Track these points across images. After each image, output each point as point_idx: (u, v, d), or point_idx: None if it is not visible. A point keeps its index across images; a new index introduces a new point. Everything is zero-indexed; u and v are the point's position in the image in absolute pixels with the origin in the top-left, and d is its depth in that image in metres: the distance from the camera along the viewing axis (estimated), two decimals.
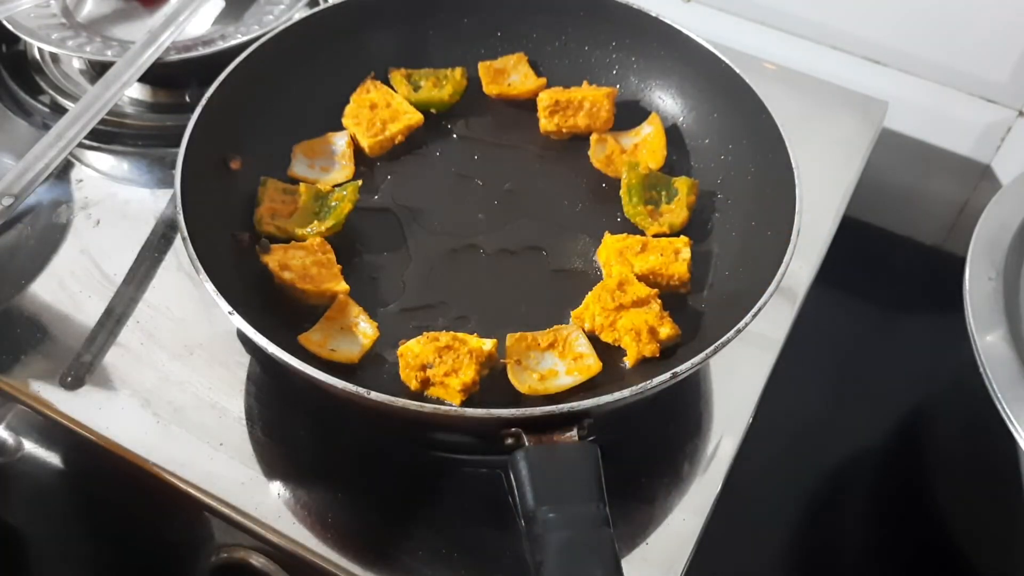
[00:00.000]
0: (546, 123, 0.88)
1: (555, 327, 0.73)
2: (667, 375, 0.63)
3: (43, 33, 0.94)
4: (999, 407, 0.70)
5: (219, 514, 0.69)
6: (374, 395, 0.61)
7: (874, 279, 1.07)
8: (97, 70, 0.98)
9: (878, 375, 0.98)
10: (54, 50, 0.94)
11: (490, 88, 0.91)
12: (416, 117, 0.87)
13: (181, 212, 0.70)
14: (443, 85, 0.90)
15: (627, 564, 0.60)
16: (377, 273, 0.78)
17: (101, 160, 0.92)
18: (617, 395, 0.62)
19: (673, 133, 0.88)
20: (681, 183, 0.83)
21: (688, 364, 0.64)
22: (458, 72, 0.91)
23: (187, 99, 0.95)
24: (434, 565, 0.67)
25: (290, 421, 0.74)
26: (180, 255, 0.83)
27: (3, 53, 1.01)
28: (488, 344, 0.69)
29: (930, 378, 0.98)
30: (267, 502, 0.69)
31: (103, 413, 0.73)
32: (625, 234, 0.79)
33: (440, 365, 0.67)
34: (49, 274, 0.82)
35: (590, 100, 0.87)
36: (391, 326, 0.73)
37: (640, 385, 0.62)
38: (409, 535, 0.68)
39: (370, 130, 0.85)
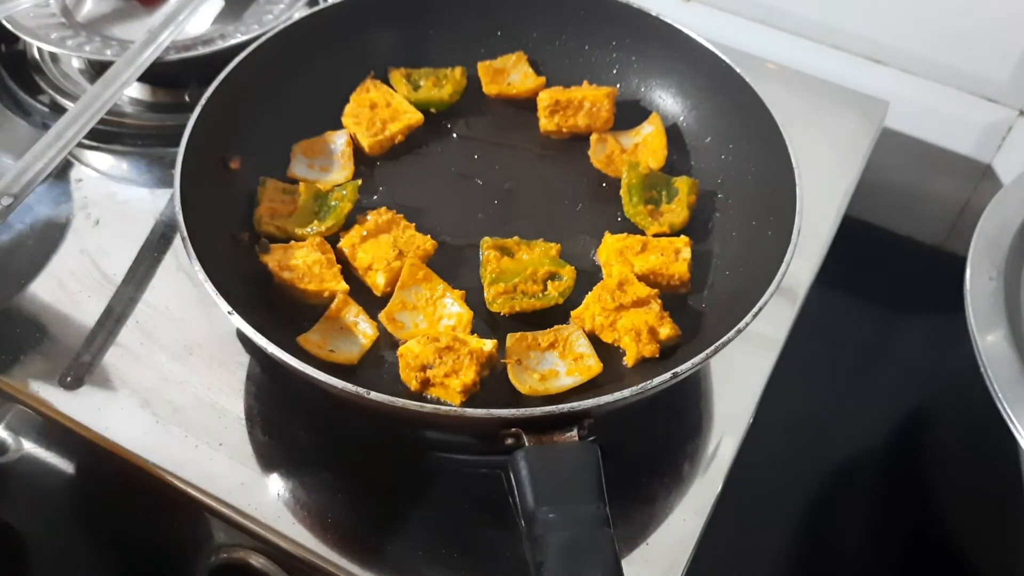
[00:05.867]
0: (546, 123, 0.88)
1: (555, 327, 0.73)
2: (667, 375, 0.63)
3: (42, 33, 0.94)
4: (1000, 407, 0.70)
5: (219, 514, 0.69)
6: (374, 395, 0.61)
7: (874, 279, 1.07)
8: (96, 69, 0.98)
9: (878, 375, 0.98)
10: (53, 50, 0.93)
11: (490, 88, 0.91)
12: (416, 117, 0.87)
13: (180, 212, 0.70)
14: (443, 85, 0.90)
15: (627, 564, 0.60)
16: None
17: (100, 160, 0.92)
18: (617, 395, 0.62)
19: (673, 133, 0.88)
20: (681, 183, 0.83)
21: (688, 364, 0.64)
22: (458, 72, 0.91)
23: (187, 99, 0.95)
24: (434, 565, 0.67)
25: (290, 421, 0.74)
26: (179, 255, 0.83)
27: (2, 53, 1.01)
28: (488, 344, 0.69)
29: (930, 378, 0.98)
30: (267, 502, 0.69)
31: (103, 413, 0.73)
32: (625, 234, 0.79)
33: (440, 366, 0.67)
34: (48, 274, 0.81)
35: (590, 100, 0.87)
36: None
37: (640, 385, 0.62)
38: (409, 535, 0.68)
39: (370, 130, 0.85)
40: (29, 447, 0.82)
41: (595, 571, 0.55)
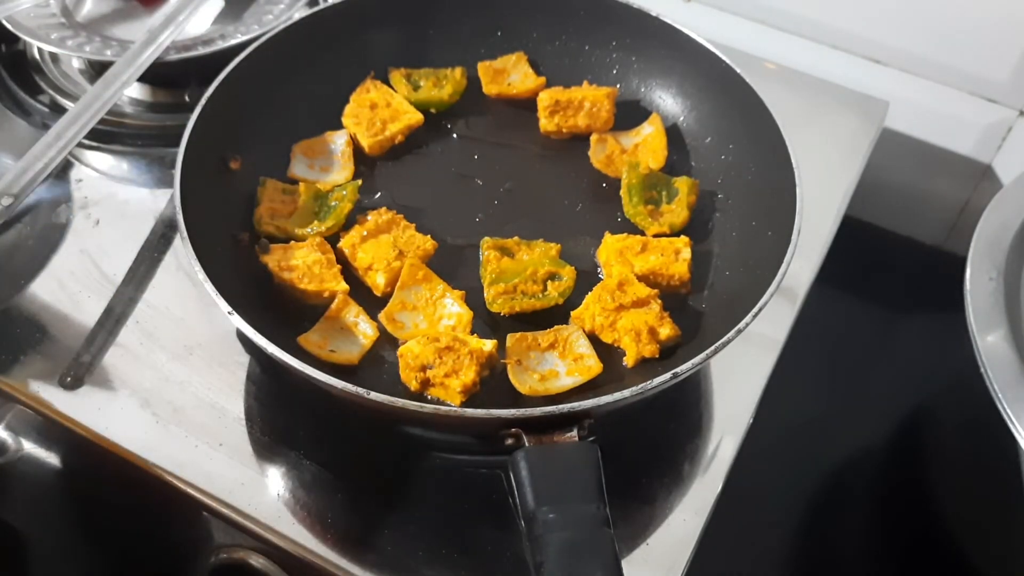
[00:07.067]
0: (546, 123, 0.88)
1: (555, 327, 0.73)
2: (667, 375, 0.63)
3: (43, 33, 0.94)
4: (999, 407, 0.70)
5: (219, 514, 0.69)
6: (374, 395, 0.61)
7: (874, 279, 1.07)
8: (97, 70, 0.98)
9: (878, 375, 0.98)
10: (54, 50, 0.94)
11: (490, 88, 0.91)
12: (416, 117, 0.87)
13: (180, 212, 0.70)
14: (443, 85, 0.90)
15: (627, 565, 0.60)
16: None
17: (100, 160, 0.92)
18: (617, 395, 0.62)
19: (673, 133, 0.88)
20: (681, 183, 0.83)
21: (688, 364, 0.64)
22: (458, 72, 0.91)
23: (187, 99, 0.95)
24: (434, 565, 0.67)
25: (290, 421, 0.74)
26: (180, 255, 0.83)
27: (3, 53, 1.01)
28: (488, 345, 0.69)
29: (930, 378, 0.98)
30: (267, 502, 0.69)
31: (102, 413, 0.73)
32: (625, 234, 0.79)
33: (440, 366, 0.67)
34: (48, 274, 0.81)
35: (590, 100, 0.87)
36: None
37: (640, 385, 0.62)
38: (409, 535, 0.68)
39: (370, 130, 0.85)
40: (29, 447, 0.82)
41: (595, 571, 0.55)
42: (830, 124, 0.99)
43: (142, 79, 0.90)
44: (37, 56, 1.01)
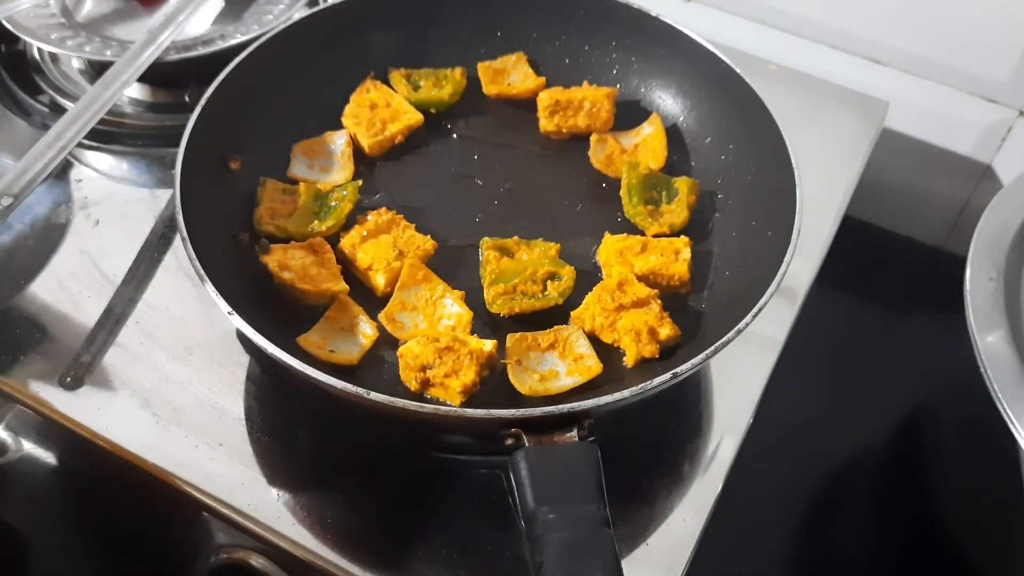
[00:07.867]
0: (546, 123, 0.88)
1: (555, 327, 0.73)
2: (667, 375, 0.63)
3: (42, 33, 0.94)
4: (999, 407, 0.70)
5: (219, 515, 0.69)
6: (374, 395, 0.61)
7: (874, 279, 1.07)
8: (96, 70, 0.98)
9: (878, 375, 0.98)
10: (53, 50, 0.94)
11: (490, 88, 0.91)
12: (416, 117, 0.87)
13: (180, 212, 0.70)
14: (443, 85, 0.90)
15: (627, 565, 0.60)
16: None
17: (100, 160, 0.92)
18: (617, 395, 0.62)
19: (673, 133, 0.88)
20: (681, 183, 0.83)
21: (688, 364, 0.64)
22: (458, 72, 0.91)
23: (187, 99, 0.95)
24: (434, 565, 0.67)
25: (290, 421, 0.74)
26: (180, 255, 0.83)
27: (3, 53, 1.01)
28: (488, 345, 0.69)
29: (930, 378, 0.98)
30: (267, 502, 0.69)
31: (102, 413, 0.73)
32: (625, 234, 0.79)
33: (440, 366, 0.67)
34: (48, 274, 0.81)
35: (590, 100, 0.87)
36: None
37: (640, 386, 0.62)
38: (409, 535, 0.68)
39: (370, 130, 0.85)
40: (29, 447, 0.82)
41: (595, 571, 0.55)
42: (830, 124, 0.99)
43: (142, 79, 0.90)
44: (37, 56, 1.01)
